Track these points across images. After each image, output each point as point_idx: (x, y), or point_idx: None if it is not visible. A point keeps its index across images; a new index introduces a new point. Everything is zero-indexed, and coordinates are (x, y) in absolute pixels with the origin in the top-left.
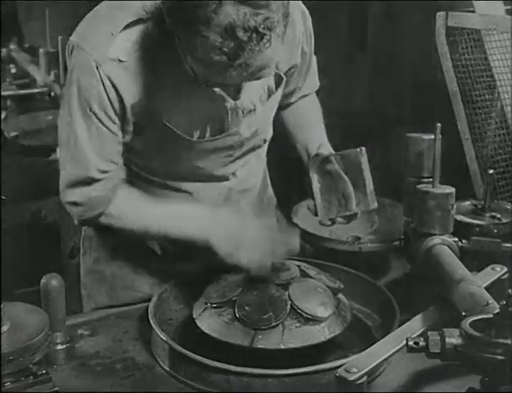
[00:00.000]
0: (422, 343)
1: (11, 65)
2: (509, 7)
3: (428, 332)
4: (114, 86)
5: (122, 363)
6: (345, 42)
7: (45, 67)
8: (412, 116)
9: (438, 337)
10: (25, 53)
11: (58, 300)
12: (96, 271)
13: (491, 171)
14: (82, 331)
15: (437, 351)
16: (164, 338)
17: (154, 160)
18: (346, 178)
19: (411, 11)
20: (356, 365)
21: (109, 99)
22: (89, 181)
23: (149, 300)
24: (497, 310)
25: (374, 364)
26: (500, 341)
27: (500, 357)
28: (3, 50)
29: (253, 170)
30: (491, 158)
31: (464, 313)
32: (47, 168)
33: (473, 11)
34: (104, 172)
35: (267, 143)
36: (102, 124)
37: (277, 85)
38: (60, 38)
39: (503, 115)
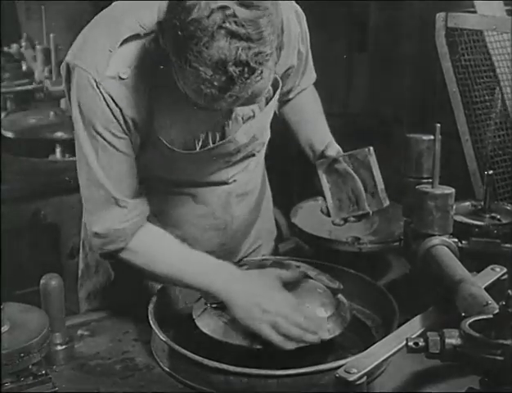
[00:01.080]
0: (422, 343)
1: (22, 62)
2: (509, 8)
3: (428, 333)
4: (115, 103)
5: (121, 364)
6: (345, 43)
7: (41, 64)
8: (412, 117)
9: (438, 338)
10: (32, 49)
11: (57, 301)
12: (96, 272)
13: (490, 172)
14: (81, 331)
15: (437, 352)
16: (164, 339)
17: (153, 170)
18: (356, 177)
19: (411, 12)
20: (356, 366)
21: (113, 115)
22: (113, 201)
23: (149, 300)
24: (497, 311)
25: (373, 365)
26: (500, 341)
27: (499, 357)
28: (14, 46)
29: (252, 174)
30: (490, 159)
31: (463, 314)
32: (47, 168)
33: (474, 12)
34: (121, 193)
35: (265, 146)
36: (108, 143)
37: (274, 89)
38: (52, 35)
39: (503, 116)
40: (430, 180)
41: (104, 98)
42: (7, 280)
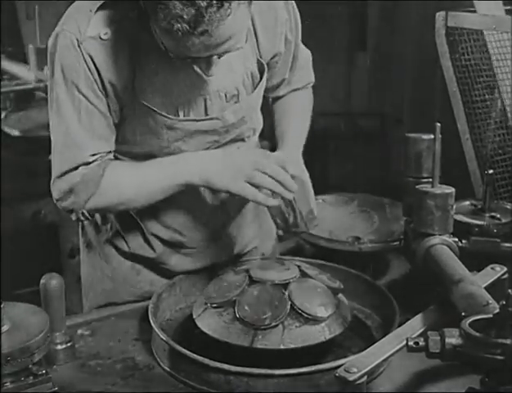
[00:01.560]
0: (422, 343)
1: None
2: (509, 7)
3: (428, 332)
4: (94, 64)
5: (122, 364)
6: (345, 43)
7: (36, 63)
8: (412, 116)
9: (438, 337)
10: (6, 56)
11: (58, 300)
12: (96, 269)
13: (490, 171)
14: (82, 331)
15: (437, 351)
16: (164, 338)
17: (138, 144)
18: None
19: (411, 11)
20: (356, 365)
21: (93, 76)
22: (79, 166)
23: (149, 298)
24: (497, 310)
25: (374, 364)
26: (500, 341)
27: (499, 357)
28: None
29: None
30: (490, 158)
31: (463, 313)
32: (47, 168)
33: (474, 11)
34: (95, 154)
35: (257, 135)
36: (91, 102)
37: (261, 73)
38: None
39: (503, 115)
40: (430, 179)
41: (84, 59)
42: (7, 280)
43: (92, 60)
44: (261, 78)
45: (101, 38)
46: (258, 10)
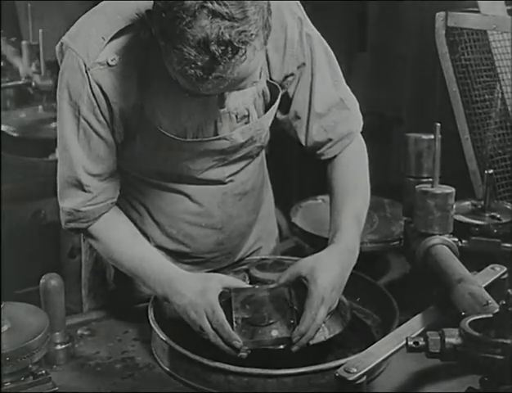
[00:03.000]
0: (422, 343)
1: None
2: (510, 7)
3: (428, 332)
4: (102, 90)
5: (121, 363)
6: (345, 43)
7: (27, 59)
8: (412, 116)
9: (438, 337)
10: (11, 46)
11: (58, 300)
12: (96, 270)
13: (490, 171)
14: (81, 331)
15: (437, 351)
16: (164, 338)
17: (147, 162)
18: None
19: (412, 11)
20: (355, 365)
21: (97, 102)
22: (78, 184)
23: (149, 299)
24: (497, 310)
25: (373, 364)
26: (500, 340)
27: (499, 357)
28: None
29: (250, 175)
30: (490, 158)
31: (463, 313)
32: (47, 168)
33: (476, 11)
34: (93, 176)
35: (264, 148)
36: (90, 127)
37: (274, 96)
38: (40, 31)
39: (503, 115)
40: (430, 179)
41: (90, 85)
42: (7, 279)
43: (99, 86)
44: (274, 99)
45: (108, 63)
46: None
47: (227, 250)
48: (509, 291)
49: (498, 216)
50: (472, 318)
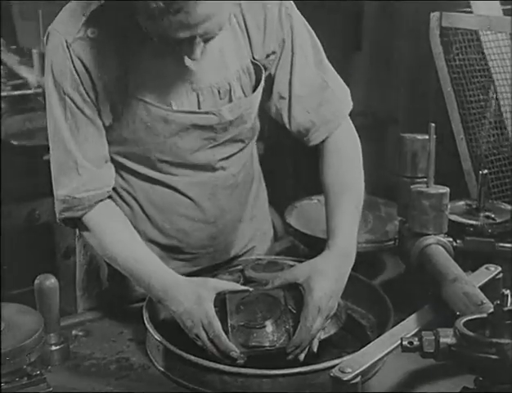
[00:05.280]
0: (416, 343)
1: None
2: (508, 7)
3: (423, 332)
4: (84, 65)
5: (116, 364)
6: (340, 42)
7: (39, 68)
8: (407, 116)
9: (433, 337)
10: (13, 54)
11: (52, 301)
12: (90, 270)
13: (485, 171)
14: (76, 331)
15: (432, 351)
16: (159, 338)
17: (134, 142)
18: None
19: (407, 11)
20: (350, 365)
21: (80, 79)
22: (73, 167)
23: (143, 298)
24: (491, 310)
25: (368, 364)
26: (495, 340)
27: (494, 356)
28: None
29: (241, 166)
30: (485, 158)
31: (458, 313)
32: (41, 168)
33: (470, 12)
34: (86, 159)
35: (255, 137)
36: (76, 106)
37: (259, 76)
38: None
39: (497, 115)
40: (425, 179)
41: (72, 61)
42: (2, 280)
43: (81, 61)
44: (260, 78)
45: (88, 36)
46: (249, 8)
47: (221, 245)
48: (504, 290)
49: (493, 216)
50: (466, 318)
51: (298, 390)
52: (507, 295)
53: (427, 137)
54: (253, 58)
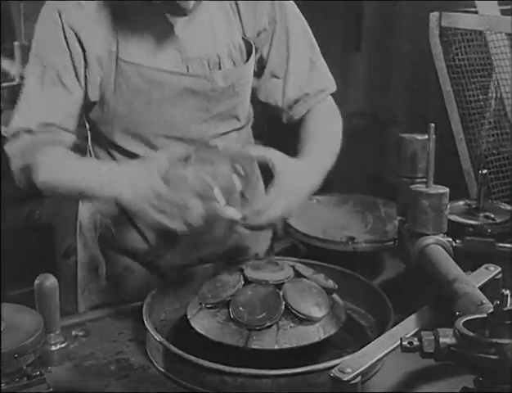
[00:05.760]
0: (416, 343)
1: None
2: (507, 8)
3: (422, 332)
4: (76, 35)
5: (116, 364)
6: (340, 43)
7: (21, 60)
8: (406, 116)
9: (432, 337)
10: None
11: (52, 301)
12: (90, 268)
13: (484, 171)
14: (76, 332)
15: (431, 351)
16: (159, 339)
17: (129, 116)
18: None
19: (406, 12)
20: (350, 365)
21: (69, 49)
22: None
23: (143, 298)
24: (491, 310)
25: (368, 364)
26: (494, 340)
27: (494, 357)
28: None
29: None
30: (484, 158)
31: (457, 313)
32: None
33: (471, 11)
34: (46, 125)
35: (250, 125)
36: (58, 77)
37: (249, 52)
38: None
39: (497, 115)
40: (424, 180)
41: (64, 30)
42: (2, 280)
43: (74, 30)
44: (250, 54)
45: (80, 4)
46: None
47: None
48: (504, 290)
49: (492, 216)
50: (466, 318)
51: (298, 390)
52: (507, 296)
53: (426, 137)
54: (245, 35)
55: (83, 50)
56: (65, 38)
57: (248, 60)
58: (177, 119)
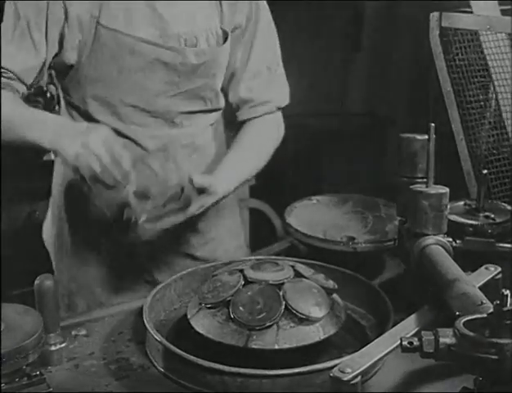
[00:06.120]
0: (416, 343)
1: None
2: (507, 8)
3: (422, 332)
4: None
5: (116, 364)
6: (340, 43)
7: None
8: (406, 116)
9: (432, 337)
10: None
11: (52, 301)
12: (59, 245)
13: (484, 171)
14: (76, 332)
15: (431, 351)
16: (159, 339)
17: (100, 81)
18: None
19: (406, 11)
20: (350, 365)
21: (47, 6)
22: None
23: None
24: (491, 310)
25: (368, 364)
26: (494, 340)
27: (493, 356)
28: None
29: (201, 130)
30: (484, 158)
31: (457, 313)
32: (41, 169)
33: (469, 12)
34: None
35: (220, 113)
36: (29, 30)
37: (225, 36)
38: None
39: (497, 116)
40: (424, 180)
41: None
42: (2, 280)
43: None
44: (225, 39)
45: None
46: None
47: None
48: (504, 290)
49: (492, 216)
50: (466, 318)
51: (299, 391)
52: (507, 296)
53: (426, 137)
54: (222, 25)
55: (66, 10)
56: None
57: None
58: (146, 89)
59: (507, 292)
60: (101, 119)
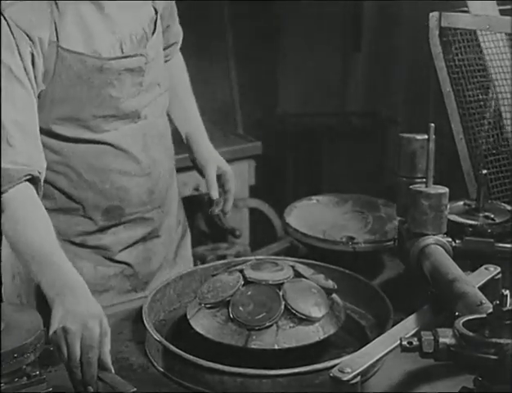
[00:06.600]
0: (416, 343)
1: None
2: (506, 8)
3: (422, 332)
4: (19, 27)
5: (116, 364)
6: (340, 43)
7: None
8: (406, 116)
9: (432, 337)
10: None
11: None
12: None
13: (484, 171)
14: None
15: (431, 351)
16: (159, 339)
17: (68, 102)
18: None
19: (406, 11)
20: (350, 365)
21: (16, 43)
22: (3, 136)
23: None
24: (491, 310)
25: (368, 364)
26: (494, 340)
27: (493, 356)
28: None
29: (159, 114)
30: (484, 158)
31: (457, 313)
32: None
33: (468, 12)
34: (16, 126)
35: (167, 93)
36: (12, 72)
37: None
38: None
39: (497, 116)
40: (424, 180)
41: (8, 24)
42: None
43: (16, 23)
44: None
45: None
46: None
47: (157, 202)
48: (503, 291)
49: (492, 216)
50: (466, 318)
51: (298, 390)
52: (506, 296)
53: (426, 137)
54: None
55: (31, 41)
56: (11, 32)
57: (155, 26)
58: (115, 97)
59: (507, 292)
60: (68, 135)
